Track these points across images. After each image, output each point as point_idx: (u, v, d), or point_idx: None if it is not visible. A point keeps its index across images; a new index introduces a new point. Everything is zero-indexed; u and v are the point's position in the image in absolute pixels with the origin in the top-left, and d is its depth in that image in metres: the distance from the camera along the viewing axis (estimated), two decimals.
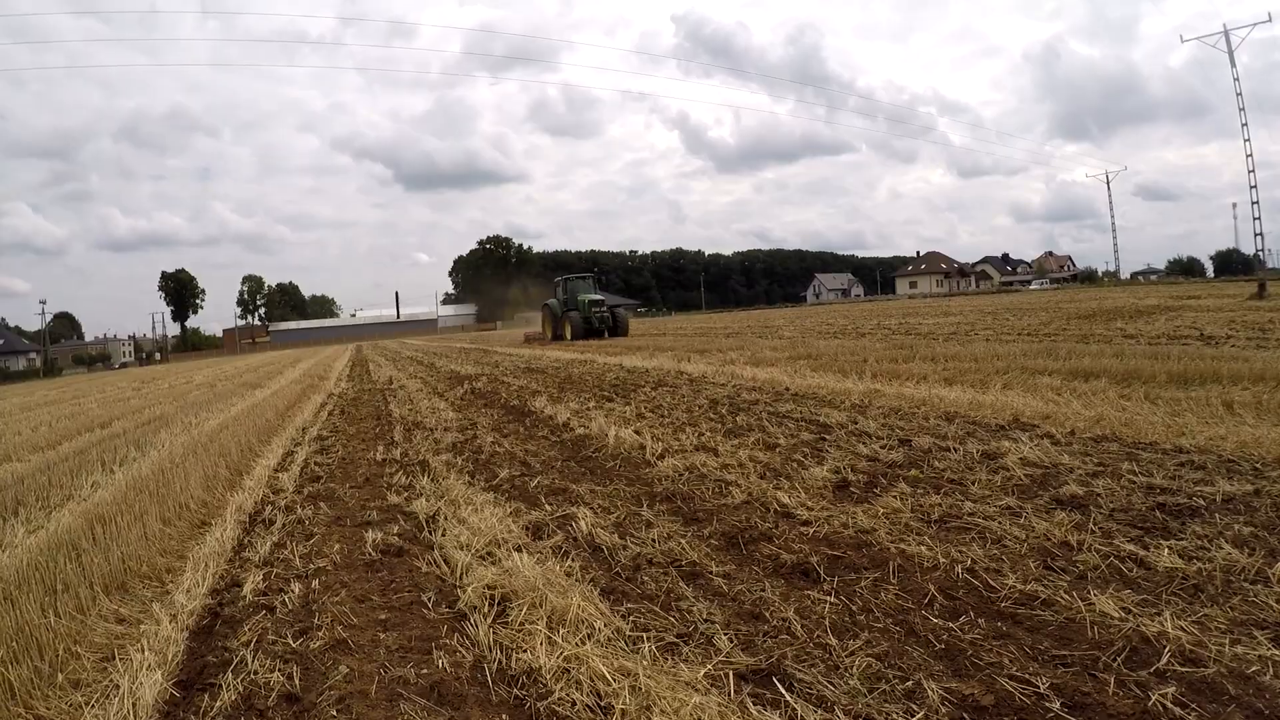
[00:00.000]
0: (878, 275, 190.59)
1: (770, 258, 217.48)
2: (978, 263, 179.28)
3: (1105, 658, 3.98)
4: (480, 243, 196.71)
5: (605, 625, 4.71)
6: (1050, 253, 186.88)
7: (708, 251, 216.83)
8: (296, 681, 4.33)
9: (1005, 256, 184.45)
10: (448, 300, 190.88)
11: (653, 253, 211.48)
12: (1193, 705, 3.51)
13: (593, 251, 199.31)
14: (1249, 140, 41.71)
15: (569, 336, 47.61)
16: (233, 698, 4.16)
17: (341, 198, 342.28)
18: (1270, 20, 54.78)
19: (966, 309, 48.66)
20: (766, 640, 4.46)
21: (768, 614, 4.79)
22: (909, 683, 3.88)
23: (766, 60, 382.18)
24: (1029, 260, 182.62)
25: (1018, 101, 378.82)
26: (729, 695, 3.86)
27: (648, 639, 4.51)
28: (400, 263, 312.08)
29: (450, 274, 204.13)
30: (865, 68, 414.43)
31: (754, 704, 3.76)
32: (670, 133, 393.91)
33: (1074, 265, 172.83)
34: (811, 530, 6.19)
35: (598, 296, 50.22)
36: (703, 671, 4.08)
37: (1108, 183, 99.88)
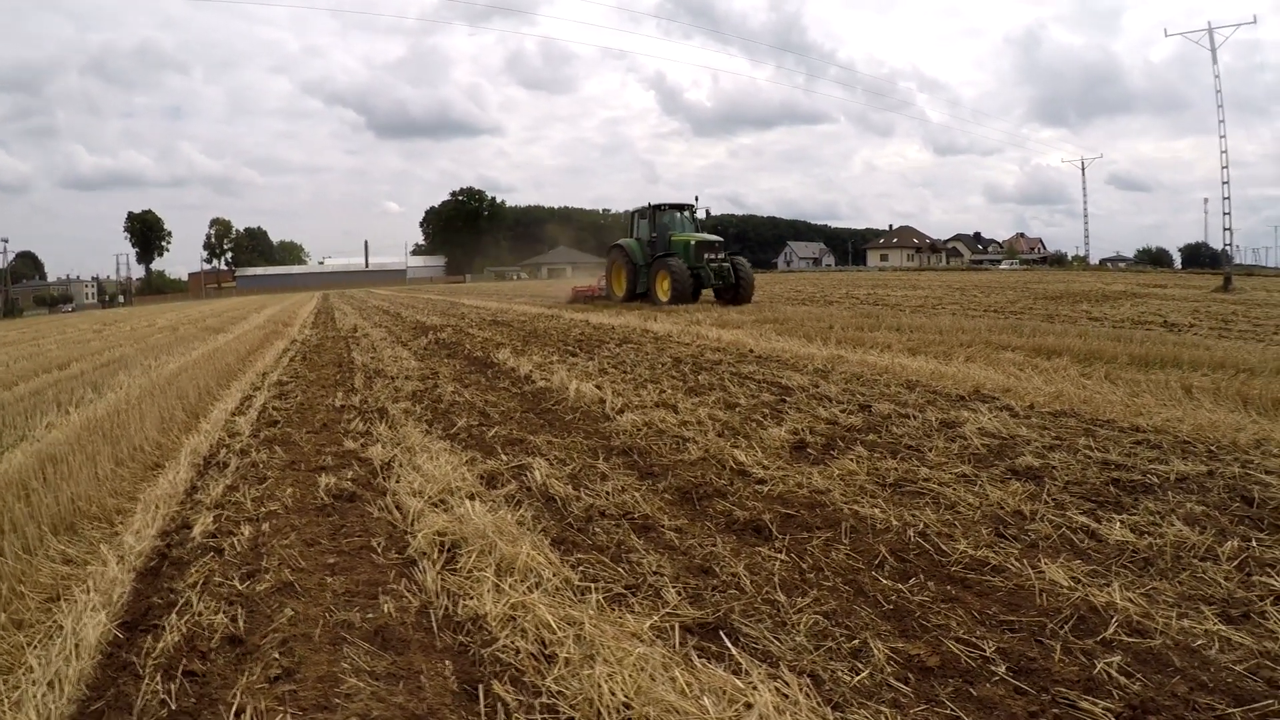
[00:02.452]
0: (850, 246, 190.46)
1: (743, 223, 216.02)
2: (949, 240, 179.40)
3: (1053, 625, 4.01)
4: (452, 194, 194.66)
5: (554, 574, 4.70)
6: (1021, 234, 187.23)
7: None
8: (240, 624, 4.29)
9: (977, 235, 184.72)
10: (418, 251, 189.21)
11: (626, 212, 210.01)
12: (1138, 675, 3.53)
13: (565, 208, 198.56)
14: (1224, 138, 41.73)
15: (665, 296, 30.84)
16: (175, 639, 4.09)
17: (312, 143, 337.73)
18: (1255, 22, 55.04)
19: (935, 284, 48.86)
20: (715, 594, 4.46)
21: (717, 569, 4.80)
22: (855, 641, 3.89)
23: (747, 25, 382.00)
24: (1000, 240, 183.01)
25: (997, 84, 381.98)
26: (674, 647, 3.85)
27: (595, 589, 4.50)
28: (370, 211, 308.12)
29: (421, 225, 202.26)
30: (846, 38, 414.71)
31: (698, 656, 3.74)
32: (647, 92, 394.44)
33: (1044, 248, 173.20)
34: (766, 489, 6.22)
35: (711, 238, 32.37)
36: (649, 623, 4.08)
37: (1082, 169, 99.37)
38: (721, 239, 32.91)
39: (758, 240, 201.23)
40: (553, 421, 9.11)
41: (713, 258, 31.12)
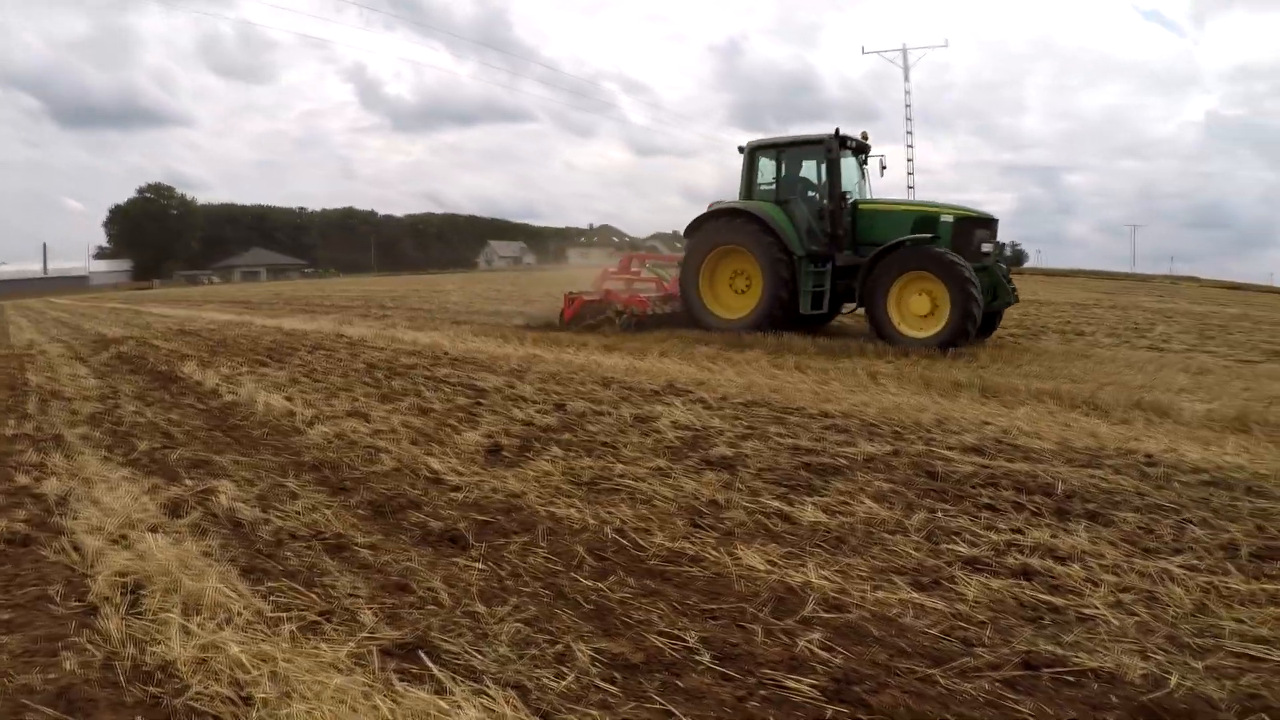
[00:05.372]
0: (552, 246, 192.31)
1: (443, 222, 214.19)
2: (649, 237, 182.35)
3: (753, 609, 4.07)
4: (140, 190, 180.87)
5: (245, 608, 4.35)
6: None
7: (380, 212, 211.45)
8: None
9: (676, 234, 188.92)
10: (102, 254, 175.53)
11: (323, 210, 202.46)
12: (838, 648, 3.64)
13: (260, 205, 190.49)
14: (912, 147, 45.44)
15: (924, 329, 14.20)
16: None
17: None
18: (946, 45, 60.48)
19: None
20: (413, 612, 4.27)
21: (414, 585, 4.60)
22: (559, 646, 3.80)
23: (452, 19, 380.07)
24: None
25: (699, 88, 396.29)
26: (373, 673, 3.62)
27: (289, 619, 4.20)
28: (50, 210, 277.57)
29: (105, 225, 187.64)
30: (551, 37, 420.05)
31: (399, 680, 3.54)
32: (345, 85, 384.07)
33: None
34: (461, 496, 6.08)
35: (979, 211, 15.74)
36: (345, 650, 3.83)
37: None
38: (989, 216, 16.02)
39: (458, 239, 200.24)
40: (240, 439, 8.60)
41: (990, 250, 15.63)
